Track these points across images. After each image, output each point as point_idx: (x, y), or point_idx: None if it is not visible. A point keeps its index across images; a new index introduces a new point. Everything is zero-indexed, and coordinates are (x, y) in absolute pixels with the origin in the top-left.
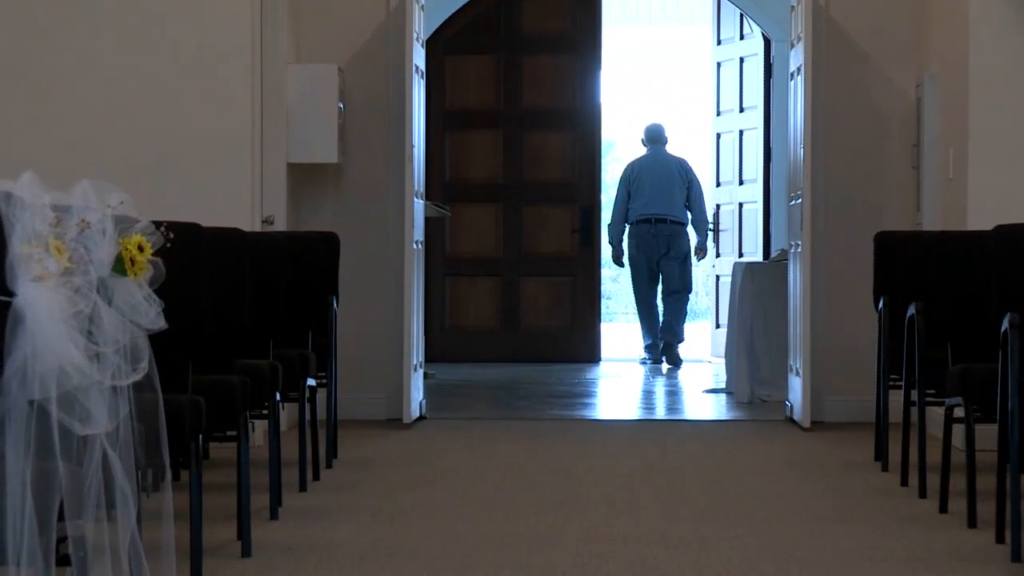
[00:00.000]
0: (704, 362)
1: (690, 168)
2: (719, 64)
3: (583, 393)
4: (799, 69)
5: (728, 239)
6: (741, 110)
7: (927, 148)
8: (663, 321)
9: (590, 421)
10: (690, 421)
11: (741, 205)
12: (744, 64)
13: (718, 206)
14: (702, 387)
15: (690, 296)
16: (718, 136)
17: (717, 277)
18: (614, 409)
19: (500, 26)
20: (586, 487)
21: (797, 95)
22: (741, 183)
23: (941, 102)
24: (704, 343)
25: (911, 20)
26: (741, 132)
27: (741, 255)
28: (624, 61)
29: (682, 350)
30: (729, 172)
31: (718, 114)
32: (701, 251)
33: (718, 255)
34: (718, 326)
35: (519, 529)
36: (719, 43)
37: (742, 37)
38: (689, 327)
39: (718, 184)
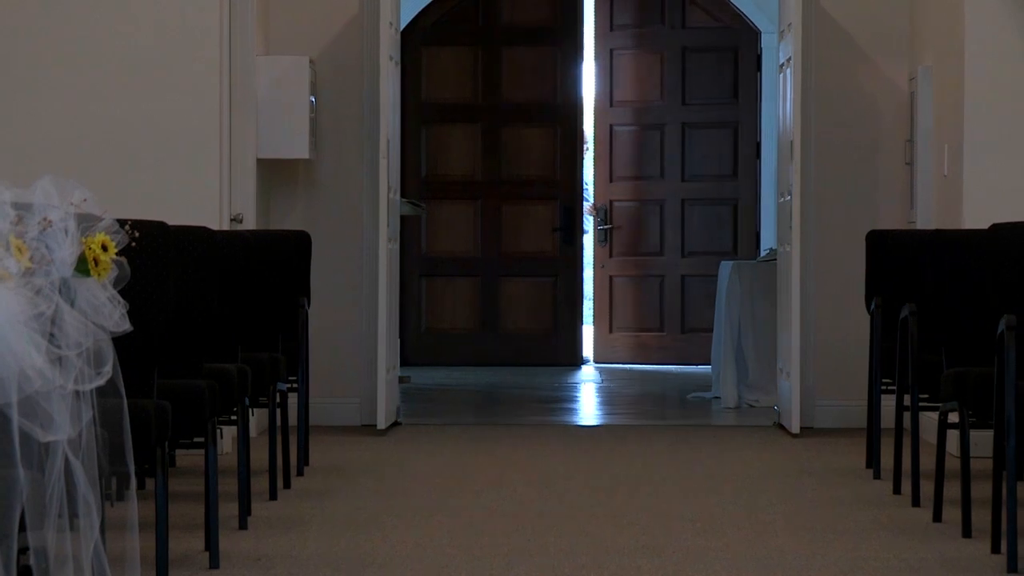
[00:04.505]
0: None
1: None
2: (612, 51)
3: (565, 398)
4: (788, 60)
5: (625, 237)
6: (685, 102)
7: (921, 144)
8: None
9: (572, 427)
10: (675, 427)
11: (643, 202)
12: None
13: (611, 202)
14: (688, 392)
15: None
16: (611, 128)
17: (611, 278)
18: (597, 414)
19: (479, 16)
20: (568, 495)
21: (786, 87)
22: (663, 176)
23: (936, 96)
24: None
25: (905, 11)
26: (684, 125)
27: (663, 254)
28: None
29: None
30: (632, 168)
31: (611, 105)
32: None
33: (611, 255)
34: (611, 331)
35: (498, 539)
36: (611, 28)
37: (684, 25)
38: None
39: (611, 179)
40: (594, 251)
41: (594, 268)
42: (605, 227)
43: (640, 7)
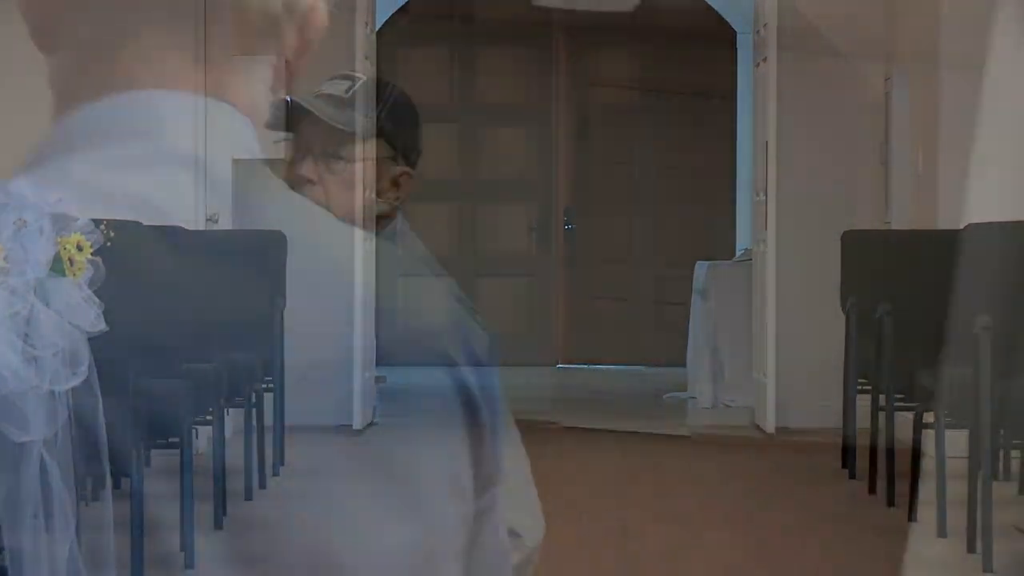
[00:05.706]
0: None
1: None
2: (581, 49)
3: (541, 398)
4: (764, 60)
5: (595, 237)
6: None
7: (896, 144)
8: None
9: (547, 426)
10: (651, 426)
11: (615, 203)
12: None
13: (579, 203)
14: (662, 392)
15: None
16: (579, 126)
17: (577, 280)
18: (573, 416)
19: (454, 16)
20: (544, 496)
21: (761, 88)
22: None
23: (911, 97)
24: None
25: (880, 12)
26: (656, 124)
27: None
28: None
29: None
30: (603, 166)
31: (578, 102)
32: None
33: (578, 255)
34: (578, 331)
35: None
36: (581, 25)
37: (656, 23)
38: None
39: (578, 179)
40: (555, 251)
41: (555, 268)
42: (568, 227)
43: (611, 5)
